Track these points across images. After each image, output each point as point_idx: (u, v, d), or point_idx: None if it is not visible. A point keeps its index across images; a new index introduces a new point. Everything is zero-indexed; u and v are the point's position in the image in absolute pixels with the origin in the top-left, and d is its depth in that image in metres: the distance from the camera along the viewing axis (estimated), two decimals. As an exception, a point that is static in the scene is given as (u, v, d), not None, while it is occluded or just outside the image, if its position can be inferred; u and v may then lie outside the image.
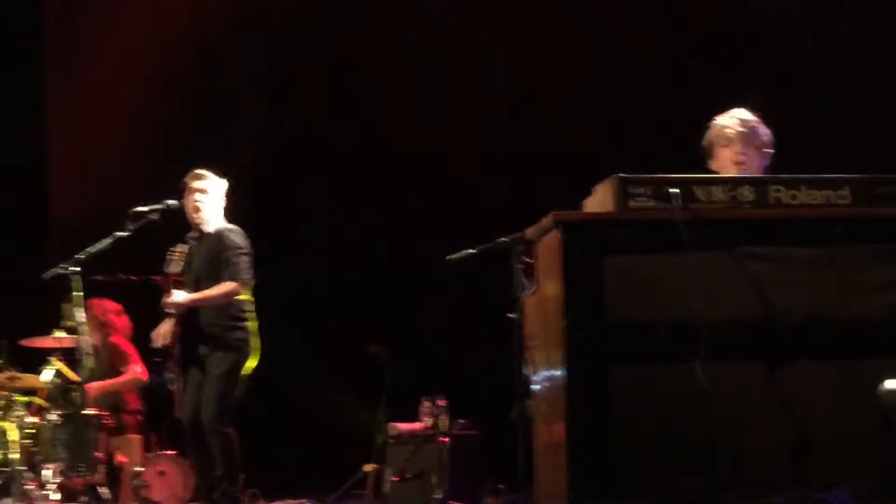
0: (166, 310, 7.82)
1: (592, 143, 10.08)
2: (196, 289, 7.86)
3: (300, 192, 11.52)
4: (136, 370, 9.57)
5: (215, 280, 7.87)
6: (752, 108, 5.54)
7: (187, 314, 7.85)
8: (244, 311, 7.95)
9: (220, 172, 8.13)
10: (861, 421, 4.73)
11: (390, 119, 11.20)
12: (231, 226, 8.07)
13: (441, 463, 8.94)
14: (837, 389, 4.77)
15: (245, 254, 7.93)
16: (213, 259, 7.90)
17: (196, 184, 8.01)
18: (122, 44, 11.68)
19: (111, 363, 9.61)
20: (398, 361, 9.68)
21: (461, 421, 9.27)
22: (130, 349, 9.68)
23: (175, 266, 7.81)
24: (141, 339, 9.44)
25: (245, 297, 7.94)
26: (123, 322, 9.79)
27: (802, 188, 4.86)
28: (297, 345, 11.01)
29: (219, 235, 7.97)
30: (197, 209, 7.98)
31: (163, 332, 7.91)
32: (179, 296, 7.78)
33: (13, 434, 8.75)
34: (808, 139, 8.57)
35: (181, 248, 7.89)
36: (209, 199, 8.02)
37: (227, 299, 7.85)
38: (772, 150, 5.50)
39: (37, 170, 11.69)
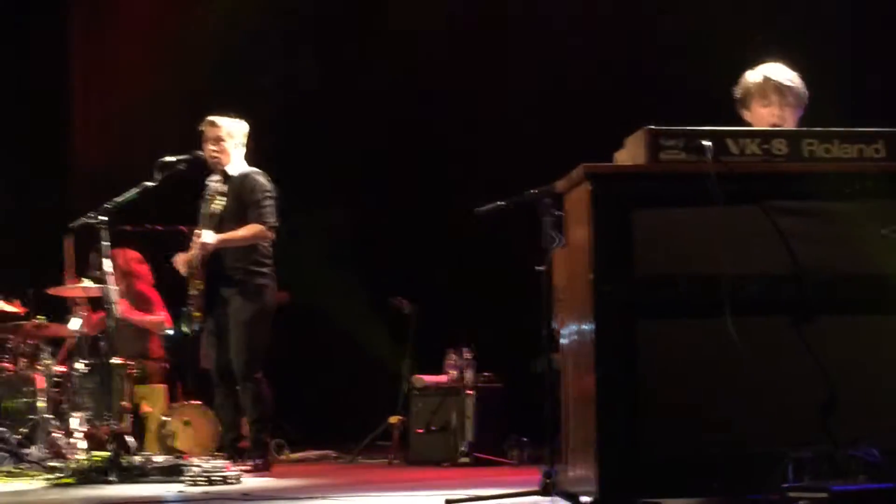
0: (197, 249, 7.83)
1: (627, 94, 10.00)
2: (219, 230, 7.88)
3: (327, 143, 11.51)
4: (162, 315, 9.63)
5: (240, 222, 7.88)
6: (789, 62, 5.48)
7: (212, 257, 7.86)
8: (267, 256, 7.96)
9: (239, 116, 8.12)
10: (889, 376, 4.71)
11: (420, 67, 11.14)
12: (255, 169, 8.07)
13: (466, 416, 8.95)
14: (866, 344, 4.74)
15: (272, 197, 7.95)
16: (240, 202, 7.90)
17: (210, 132, 8.02)
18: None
19: (137, 310, 9.66)
20: (425, 313, 9.69)
21: (486, 374, 9.28)
22: (155, 296, 9.74)
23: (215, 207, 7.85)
24: (165, 287, 9.50)
25: (266, 242, 7.94)
26: (145, 270, 9.83)
27: (836, 142, 4.81)
28: (323, 296, 11.03)
29: (245, 177, 7.98)
30: (213, 157, 7.99)
31: (184, 259, 7.94)
32: (208, 236, 7.80)
33: (39, 383, 8.79)
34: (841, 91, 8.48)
35: (218, 196, 7.91)
36: (225, 145, 8.02)
37: (255, 241, 7.87)
38: (805, 104, 5.44)
39: (64, 119, 11.72)
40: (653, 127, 4.75)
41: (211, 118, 8.05)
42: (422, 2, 11.17)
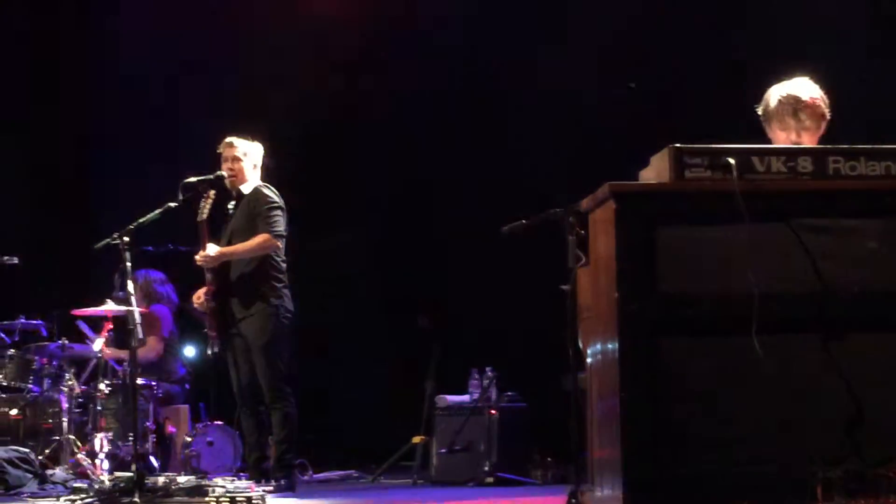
0: (199, 262, 7.83)
1: (652, 112, 9.96)
2: (230, 245, 7.90)
3: (346, 163, 11.51)
4: (152, 345, 9.49)
5: (250, 236, 7.88)
6: (812, 76, 5.44)
7: (223, 276, 7.86)
8: (280, 272, 7.93)
9: (254, 138, 8.15)
10: (918, 395, 4.69)
11: (440, 86, 11.13)
12: (263, 183, 8.09)
13: (489, 435, 8.93)
14: (894, 363, 4.71)
15: (279, 207, 7.95)
16: (249, 216, 7.93)
17: (228, 152, 8.06)
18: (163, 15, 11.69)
19: (143, 332, 9.49)
20: (448, 333, 9.67)
21: (510, 393, 9.25)
22: (162, 321, 9.60)
23: (204, 213, 7.84)
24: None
25: (279, 257, 7.92)
26: (167, 291, 9.79)
27: (862, 159, 4.80)
28: (346, 317, 11.03)
29: (253, 192, 8.01)
30: (231, 177, 8.01)
31: (201, 295, 7.95)
32: (212, 249, 7.80)
33: (63, 403, 8.81)
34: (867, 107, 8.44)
35: (212, 195, 7.91)
36: (242, 165, 8.06)
37: (261, 252, 7.85)
38: (827, 119, 5.39)
39: (86, 139, 11.78)
40: (678, 145, 4.73)
41: (229, 139, 8.10)
42: (443, 17, 11.17)
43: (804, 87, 5.37)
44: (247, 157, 8.09)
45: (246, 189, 8.06)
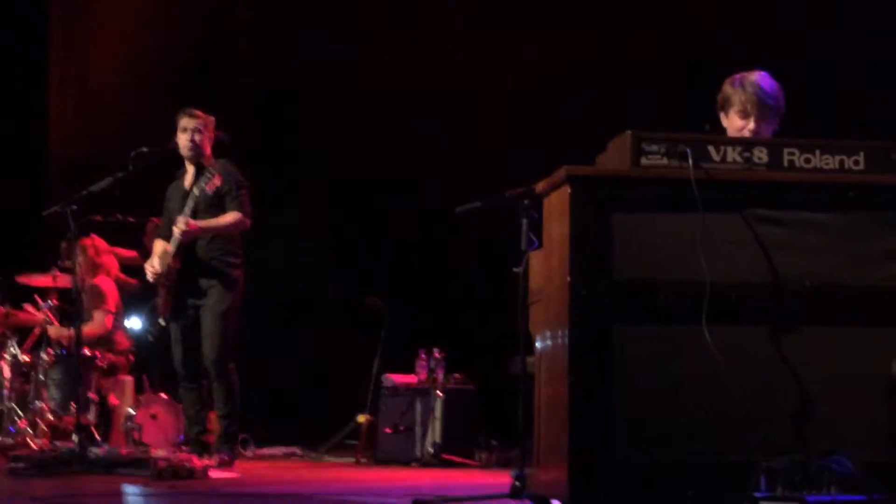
0: (179, 233, 7.75)
1: (609, 97, 9.97)
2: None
3: (301, 140, 11.46)
4: (100, 320, 9.38)
5: (216, 211, 7.83)
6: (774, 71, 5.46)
7: (188, 247, 7.81)
8: (240, 247, 7.92)
9: (206, 112, 8.12)
10: (864, 388, 4.71)
11: (396, 65, 11.09)
12: (228, 160, 8.05)
13: (435, 416, 8.92)
14: (842, 356, 4.74)
15: (246, 187, 7.93)
16: (216, 191, 7.86)
17: (189, 122, 7.97)
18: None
19: (88, 304, 9.40)
20: (396, 313, 9.66)
21: (456, 375, 9.25)
22: (108, 294, 9.48)
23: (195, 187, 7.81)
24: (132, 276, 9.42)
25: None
26: (109, 261, 9.66)
27: (817, 152, 4.82)
28: (294, 294, 11.00)
29: (221, 168, 7.93)
30: (195, 147, 7.93)
31: (155, 262, 7.89)
32: (190, 221, 7.74)
33: (5, 372, 8.72)
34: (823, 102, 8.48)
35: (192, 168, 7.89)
36: (204, 136, 7.99)
37: (233, 230, 7.85)
38: (782, 114, 5.42)
39: (38, 107, 11.65)
40: (635, 131, 4.73)
41: (190, 109, 8.01)
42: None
43: (767, 80, 5.39)
44: (206, 128, 8.03)
45: (207, 162, 7.98)
